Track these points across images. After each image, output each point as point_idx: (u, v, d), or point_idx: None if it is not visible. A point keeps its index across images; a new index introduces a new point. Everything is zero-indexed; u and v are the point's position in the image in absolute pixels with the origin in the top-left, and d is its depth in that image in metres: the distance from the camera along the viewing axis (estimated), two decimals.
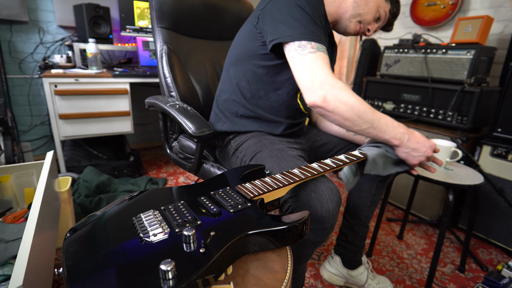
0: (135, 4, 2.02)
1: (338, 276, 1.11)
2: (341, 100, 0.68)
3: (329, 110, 0.69)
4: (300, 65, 0.71)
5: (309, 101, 0.71)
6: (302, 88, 0.72)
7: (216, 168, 0.92)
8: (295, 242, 0.50)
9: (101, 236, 0.46)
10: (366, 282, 1.08)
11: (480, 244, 1.44)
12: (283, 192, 0.60)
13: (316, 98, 0.69)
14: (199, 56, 1.21)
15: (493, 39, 1.67)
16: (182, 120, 0.84)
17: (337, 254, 1.12)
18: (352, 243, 1.07)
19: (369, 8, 0.84)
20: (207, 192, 0.59)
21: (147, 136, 2.64)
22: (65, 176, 1.34)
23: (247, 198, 0.55)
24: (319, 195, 0.64)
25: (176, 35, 1.15)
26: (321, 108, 0.70)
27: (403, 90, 1.67)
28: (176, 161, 1.04)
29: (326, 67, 0.70)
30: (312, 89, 0.70)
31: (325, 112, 0.71)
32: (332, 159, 0.70)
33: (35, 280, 0.60)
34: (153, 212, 0.51)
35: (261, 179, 0.61)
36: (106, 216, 0.52)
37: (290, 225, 0.48)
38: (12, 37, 1.92)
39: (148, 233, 0.45)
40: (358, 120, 0.70)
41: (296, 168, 0.65)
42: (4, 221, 1.02)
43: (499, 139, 1.34)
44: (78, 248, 0.44)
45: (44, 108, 2.12)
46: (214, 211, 0.51)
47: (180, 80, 1.09)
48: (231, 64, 0.91)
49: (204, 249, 0.42)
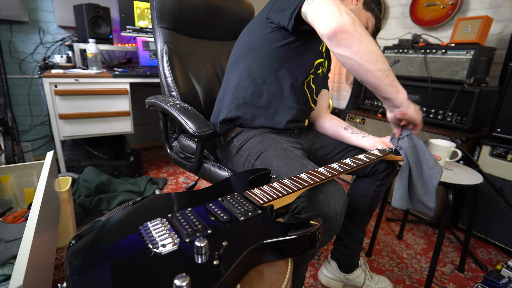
0: (135, 4, 2.02)
1: (336, 281, 1.11)
2: (367, 32, 0.68)
3: (356, 35, 0.65)
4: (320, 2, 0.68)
5: (336, 24, 0.65)
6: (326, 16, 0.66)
7: (217, 168, 0.92)
8: (307, 251, 0.48)
9: (107, 247, 0.44)
10: (364, 284, 1.08)
11: (480, 244, 1.44)
12: (292, 198, 0.59)
13: (344, 20, 0.65)
14: (200, 56, 1.21)
15: (492, 39, 1.67)
16: (182, 119, 0.84)
17: (333, 259, 1.12)
18: (348, 248, 1.06)
19: (361, 19, 0.94)
20: (214, 198, 0.57)
21: (147, 136, 2.64)
22: (65, 176, 1.34)
23: (256, 205, 0.53)
24: (327, 196, 0.64)
25: (176, 35, 1.15)
26: (347, 33, 0.65)
27: None
28: (177, 160, 1.04)
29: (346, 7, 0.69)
30: (339, 13, 0.65)
31: (349, 38, 0.65)
32: (339, 163, 0.70)
33: (35, 280, 0.60)
34: (161, 221, 0.49)
35: (269, 185, 0.59)
36: (111, 224, 0.49)
37: (304, 233, 0.45)
38: (12, 37, 1.92)
39: (157, 244, 0.43)
40: (382, 57, 0.69)
41: (304, 173, 0.64)
42: (4, 221, 1.02)
43: (499, 139, 1.34)
44: (83, 261, 0.41)
45: (44, 108, 2.12)
46: (224, 219, 0.49)
47: (181, 80, 1.09)
48: (240, 54, 0.91)
49: (218, 261, 0.40)
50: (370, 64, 0.68)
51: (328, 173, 0.64)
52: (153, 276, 0.38)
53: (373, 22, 0.97)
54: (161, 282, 0.37)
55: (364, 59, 0.67)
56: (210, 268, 0.39)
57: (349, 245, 1.06)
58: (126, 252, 0.42)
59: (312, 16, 0.70)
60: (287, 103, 0.89)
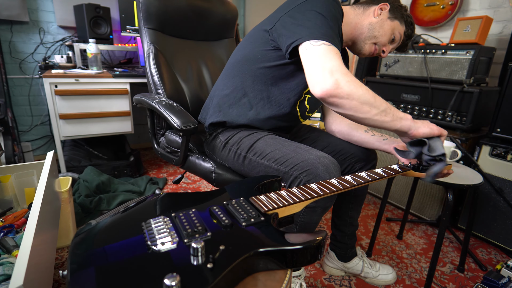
0: (135, 4, 2.03)
1: (337, 269, 1.17)
2: (355, 84, 0.66)
3: (344, 96, 0.66)
4: (312, 55, 0.69)
5: (321, 91, 0.67)
6: (312, 78, 0.69)
7: (201, 160, 0.96)
8: (307, 264, 0.47)
9: (109, 240, 0.45)
10: (362, 271, 1.13)
11: (480, 243, 1.44)
12: (299, 208, 0.58)
13: (328, 85, 0.65)
14: (186, 56, 1.24)
15: (492, 40, 1.67)
16: (168, 115, 0.87)
17: (331, 250, 1.18)
18: (341, 242, 1.12)
19: (384, 31, 0.86)
20: (220, 201, 0.57)
21: (147, 136, 2.64)
22: (65, 176, 1.34)
23: (260, 211, 0.53)
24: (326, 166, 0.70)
25: (162, 36, 1.18)
26: (335, 97, 0.66)
27: (403, 90, 1.68)
28: (163, 155, 1.08)
29: (338, 59, 0.69)
30: (323, 77, 0.66)
31: (340, 100, 0.67)
32: (353, 175, 0.68)
33: (36, 280, 0.60)
34: (163, 219, 0.50)
35: (276, 192, 0.59)
36: (117, 219, 0.51)
37: (306, 245, 0.44)
38: (12, 37, 1.92)
39: (156, 241, 0.44)
40: (375, 102, 0.68)
41: (314, 183, 0.63)
42: (4, 221, 1.03)
43: (498, 139, 1.34)
44: (85, 251, 0.43)
45: (44, 108, 2.12)
46: (226, 222, 0.49)
47: (167, 78, 1.13)
48: (238, 61, 0.91)
49: (212, 265, 0.40)
50: (365, 114, 0.69)
51: (340, 185, 0.62)
52: (147, 272, 0.39)
53: (401, 30, 0.89)
54: (153, 279, 0.37)
55: (358, 112, 0.69)
56: (202, 271, 0.39)
57: (342, 240, 1.12)
58: (126, 247, 0.44)
59: (304, 67, 0.72)
60: (275, 119, 0.91)
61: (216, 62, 1.34)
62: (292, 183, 0.73)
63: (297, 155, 0.75)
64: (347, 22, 0.87)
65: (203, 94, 1.25)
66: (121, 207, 0.55)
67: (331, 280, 1.15)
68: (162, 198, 0.59)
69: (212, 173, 0.91)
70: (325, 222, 1.55)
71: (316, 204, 0.73)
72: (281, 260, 0.45)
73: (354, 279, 1.16)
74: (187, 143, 0.93)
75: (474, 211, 1.17)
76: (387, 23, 0.86)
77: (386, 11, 0.86)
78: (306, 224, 0.77)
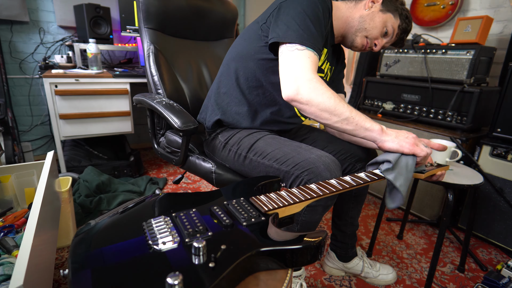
0: (135, 4, 2.02)
1: (337, 269, 1.17)
2: (316, 92, 0.69)
3: (303, 102, 0.70)
4: (285, 59, 0.74)
5: (285, 95, 0.72)
6: (281, 82, 0.73)
7: (201, 160, 0.95)
8: (307, 264, 0.47)
9: (110, 240, 0.45)
10: (363, 271, 1.13)
11: (480, 244, 1.44)
12: (299, 208, 0.58)
13: (290, 91, 0.71)
14: (186, 56, 1.24)
15: (492, 39, 1.67)
16: (168, 115, 0.87)
17: (332, 250, 1.18)
18: (342, 242, 1.13)
19: (374, 24, 0.85)
20: (220, 201, 0.57)
21: (147, 136, 2.64)
22: (66, 176, 1.34)
23: (261, 211, 0.53)
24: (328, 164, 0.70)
25: (162, 36, 1.18)
26: (296, 102, 0.71)
27: (403, 90, 1.67)
28: (164, 155, 1.08)
29: (307, 64, 0.71)
30: (287, 83, 0.71)
31: (300, 105, 0.72)
32: (352, 176, 0.68)
33: (36, 280, 0.60)
34: (164, 219, 0.50)
35: (276, 192, 0.59)
36: (117, 219, 0.51)
37: (306, 245, 0.45)
38: (12, 37, 1.92)
39: (157, 240, 0.44)
40: (336, 110, 0.70)
41: (314, 184, 0.63)
42: (4, 221, 1.03)
43: (499, 139, 1.34)
44: (86, 251, 0.43)
45: (44, 108, 2.12)
46: (226, 222, 0.49)
47: (167, 78, 1.13)
48: (232, 59, 0.92)
49: (214, 264, 0.40)
50: (326, 121, 0.72)
51: (340, 186, 0.62)
52: (148, 271, 0.39)
53: (395, 24, 0.85)
54: (155, 278, 0.37)
55: (319, 118, 0.72)
56: (204, 270, 0.39)
57: (342, 240, 1.12)
58: (127, 246, 0.44)
59: (279, 65, 0.75)
60: (272, 116, 0.91)
61: (216, 62, 1.34)
62: (293, 182, 0.73)
63: (298, 154, 0.75)
64: (338, 16, 0.87)
65: (203, 94, 1.25)
66: (121, 207, 0.55)
67: (331, 280, 1.15)
68: (163, 198, 0.59)
69: (212, 173, 0.91)
70: (325, 222, 1.55)
71: (317, 203, 0.73)
72: (281, 260, 0.45)
73: (354, 279, 1.16)
74: (188, 143, 0.93)
75: (475, 211, 1.17)
76: (378, 16, 0.84)
77: (379, 4, 0.85)
78: (307, 223, 0.77)
